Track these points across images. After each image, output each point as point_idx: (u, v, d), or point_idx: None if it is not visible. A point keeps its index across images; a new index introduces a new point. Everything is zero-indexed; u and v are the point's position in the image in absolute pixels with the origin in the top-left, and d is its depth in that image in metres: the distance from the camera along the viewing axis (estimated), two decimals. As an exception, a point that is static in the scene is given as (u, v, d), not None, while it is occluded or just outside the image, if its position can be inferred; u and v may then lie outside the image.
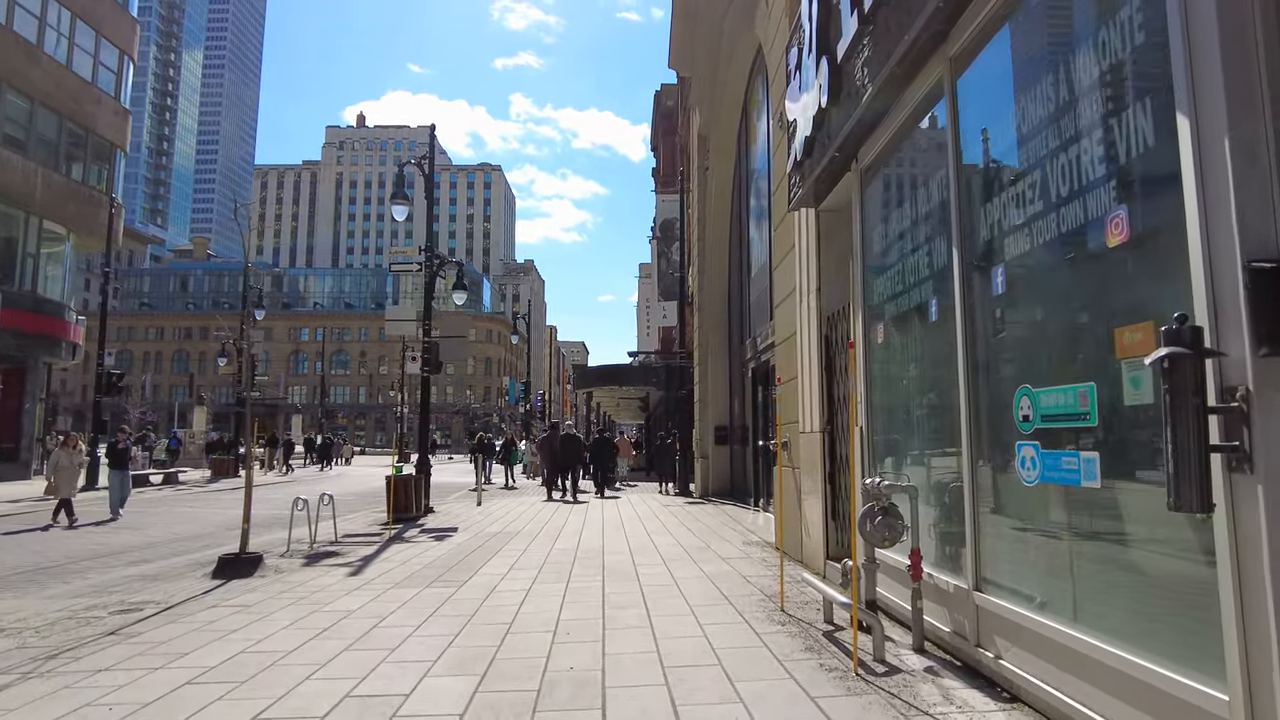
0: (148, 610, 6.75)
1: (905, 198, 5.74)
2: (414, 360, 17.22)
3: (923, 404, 5.41)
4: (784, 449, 9.29)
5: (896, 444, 5.93)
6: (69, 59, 27.74)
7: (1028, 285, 3.96)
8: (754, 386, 16.40)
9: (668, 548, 10.14)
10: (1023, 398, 3.85)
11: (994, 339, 4.30)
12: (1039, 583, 3.88)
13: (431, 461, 17.34)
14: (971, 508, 4.42)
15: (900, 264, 5.69)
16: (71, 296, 30.26)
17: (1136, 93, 3.08)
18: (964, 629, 4.54)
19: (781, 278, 9.77)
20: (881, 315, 6.08)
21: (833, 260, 7.97)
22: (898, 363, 5.90)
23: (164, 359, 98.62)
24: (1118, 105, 3.18)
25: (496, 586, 7.60)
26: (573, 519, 14.13)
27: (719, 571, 8.19)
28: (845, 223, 7.91)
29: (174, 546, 11.94)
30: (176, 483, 26.54)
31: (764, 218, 15.45)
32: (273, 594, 7.43)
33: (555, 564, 8.94)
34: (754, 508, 15.66)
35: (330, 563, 9.49)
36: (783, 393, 9.76)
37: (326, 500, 11.55)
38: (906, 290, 5.55)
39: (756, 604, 6.51)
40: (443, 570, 8.67)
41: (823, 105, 6.50)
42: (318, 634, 5.77)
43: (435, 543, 11.19)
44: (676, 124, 37.70)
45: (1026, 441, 3.82)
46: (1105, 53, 3.25)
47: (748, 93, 17.14)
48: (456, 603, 6.84)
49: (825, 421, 7.73)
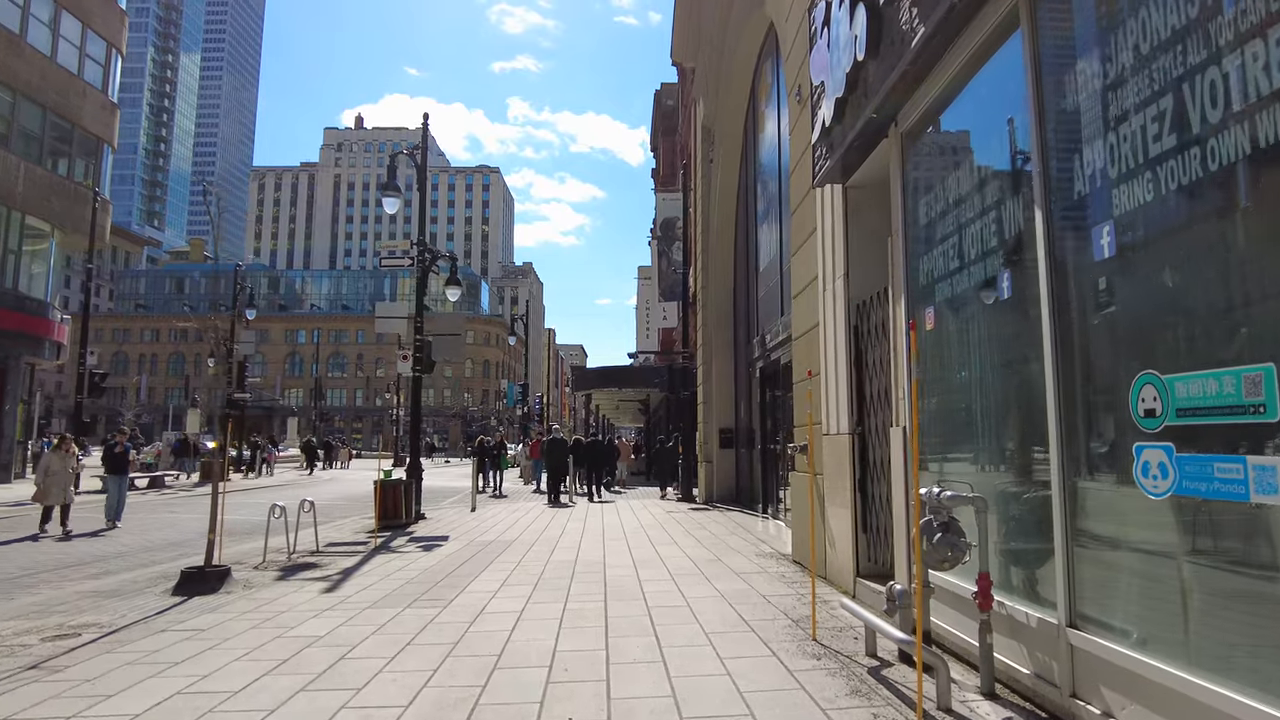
0: (86, 636, 5.91)
1: (961, 158, 4.92)
2: (404, 359, 16.40)
3: (988, 398, 4.58)
4: (803, 453, 8.45)
5: (951, 447, 5.10)
6: (54, 51, 26.91)
7: (1153, 243, 3.12)
8: (762, 386, 15.56)
9: (675, 560, 9.30)
10: (1145, 387, 3.02)
11: (1097, 315, 3.48)
12: (1172, 625, 3.03)
13: (426, 465, 16.52)
14: (1063, 525, 3.60)
15: (956, 237, 4.87)
16: (56, 295, 29.39)
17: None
18: (1051, 673, 3.71)
19: (800, 265, 8.95)
20: (930, 298, 5.25)
21: (862, 242, 7.16)
22: (953, 351, 5.06)
23: (159, 361, 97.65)
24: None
25: (485, 607, 6.75)
26: (571, 526, 13.28)
27: (734, 590, 7.34)
28: (877, 199, 7.10)
29: (145, 556, 11.10)
30: (162, 486, 25.66)
31: (773, 208, 14.64)
32: (234, 614, 6.59)
33: (552, 579, 8.09)
34: (762, 515, 14.82)
35: (306, 576, 8.66)
36: (801, 391, 8.93)
37: (307, 507, 10.70)
38: (965, 266, 4.72)
39: (783, 631, 5.66)
40: (427, 586, 7.83)
41: (859, 59, 5.69)
42: (273, 668, 4.92)
43: (423, 553, 10.35)
44: (677, 123, 37.04)
45: (1152, 442, 3.00)
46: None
47: (755, 78, 16.33)
48: (439, 628, 6.00)
49: (855, 422, 6.90)
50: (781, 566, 8.74)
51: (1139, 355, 3.14)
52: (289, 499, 11.57)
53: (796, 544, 8.99)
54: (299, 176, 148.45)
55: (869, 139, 6.16)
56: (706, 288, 19.75)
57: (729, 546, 10.50)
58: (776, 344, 13.68)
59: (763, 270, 15.88)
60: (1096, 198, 3.40)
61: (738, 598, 6.91)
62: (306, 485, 28.00)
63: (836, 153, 6.58)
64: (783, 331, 13.12)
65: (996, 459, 4.49)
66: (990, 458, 4.55)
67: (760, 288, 16.09)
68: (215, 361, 32.94)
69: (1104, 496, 3.44)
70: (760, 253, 16.14)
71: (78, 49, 28.19)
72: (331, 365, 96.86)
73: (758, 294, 16.50)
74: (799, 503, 8.82)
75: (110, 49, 29.96)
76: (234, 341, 31.17)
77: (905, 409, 5.48)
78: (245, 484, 27.42)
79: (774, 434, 14.49)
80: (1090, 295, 3.50)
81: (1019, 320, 4.08)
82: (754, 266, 16.79)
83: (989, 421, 4.56)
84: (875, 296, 6.70)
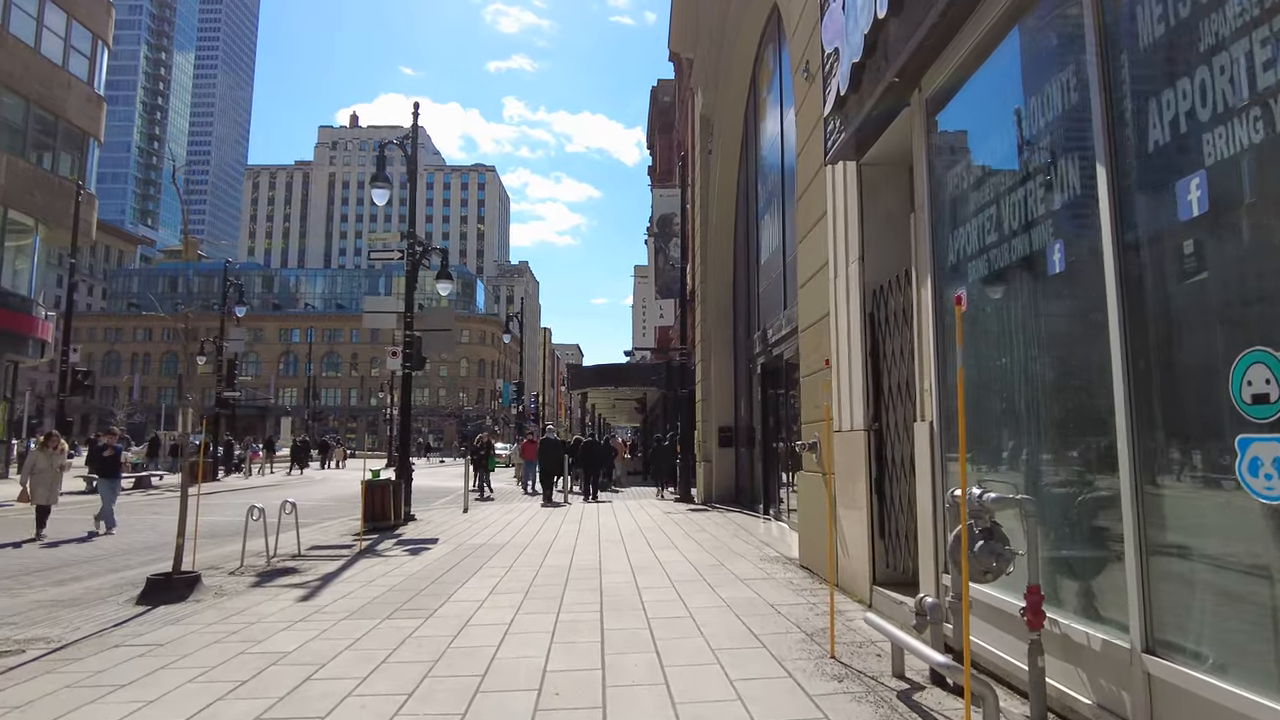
0: (31, 653, 5.37)
1: (999, 120, 4.40)
2: (394, 355, 15.85)
3: (1034, 386, 4.06)
4: (812, 451, 7.93)
5: (986, 442, 4.58)
6: (37, 41, 26.29)
7: (1265, 195, 2.58)
8: (763, 383, 15.04)
9: (675, 565, 8.77)
10: (1252, 368, 2.51)
11: (1180, 283, 2.96)
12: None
13: (418, 465, 15.97)
14: (1137, 532, 3.08)
15: (993, 207, 4.35)
16: (41, 292, 28.76)
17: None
18: (1121, 705, 3.20)
19: (807, 252, 8.43)
20: (962, 277, 4.73)
21: (878, 224, 6.65)
22: (990, 336, 4.54)
23: (152, 360, 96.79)
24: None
25: (471, 618, 6.22)
26: (565, 529, 12.75)
27: (740, 598, 6.81)
28: (894, 178, 6.61)
29: (119, 560, 10.54)
30: (149, 486, 25.06)
31: (775, 198, 14.13)
32: (199, 627, 6.06)
33: (544, 587, 7.56)
34: (763, 516, 14.31)
35: (283, 583, 8.12)
36: (808, 386, 8.42)
37: (289, 509, 10.15)
38: (1005, 239, 4.20)
39: (798, 647, 5.13)
40: (411, 594, 7.30)
41: (879, 18, 5.17)
42: (229, 691, 4.39)
43: (410, 557, 9.82)
44: (673, 119, 36.53)
45: (1263, 435, 2.48)
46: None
47: (756, 65, 15.81)
48: (419, 642, 5.47)
49: (872, 418, 6.38)
50: (789, 572, 8.22)
51: (1242, 330, 2.63)
52: (275, 500, 11.05)
53: (805, 548, 8.48)
54: (293, 175, 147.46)
55: (889, 107, 5.65)
56: (705, 282, 19.22)
57: (731, 550, 9.98)
58: (779, 338, 13.17)
59: (764, 263, 15.37)
60: (1180, 146, 2.88)
61: (745, 608, 6.38)
62: (296, 485, 27.41)
63: (852, 125, 6.07)
64: (786, 325, 12.61)
65: (1045, 456, 3.97)
66: (1036, 454, 4.03)
67: (762, 281, 15.57)
68: (205, 360, 32.31)
69: (1189, 500, 2.92)
70: (761, 245, 15.63)
71: (63, 40, 27.57)
72: (326, 365, 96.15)
73: (759, 288, 15.99)
74: (807, 505, 8.30)
75: (96, 41, 29.34)
76: (223, 339, 30.59)
77: (933, 401, 4.97)
78: (235, 485, 26.82)
79: (776, 432, 13.98)
80: (1172, 261, 2.98)
81: (1076, 296, 3.57)
82: (755, 259, 16.28)
83: (1034, 413, 4.04)
84: (894, 281, 6.18)
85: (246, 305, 34.28)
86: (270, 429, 66.92)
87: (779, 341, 13.22)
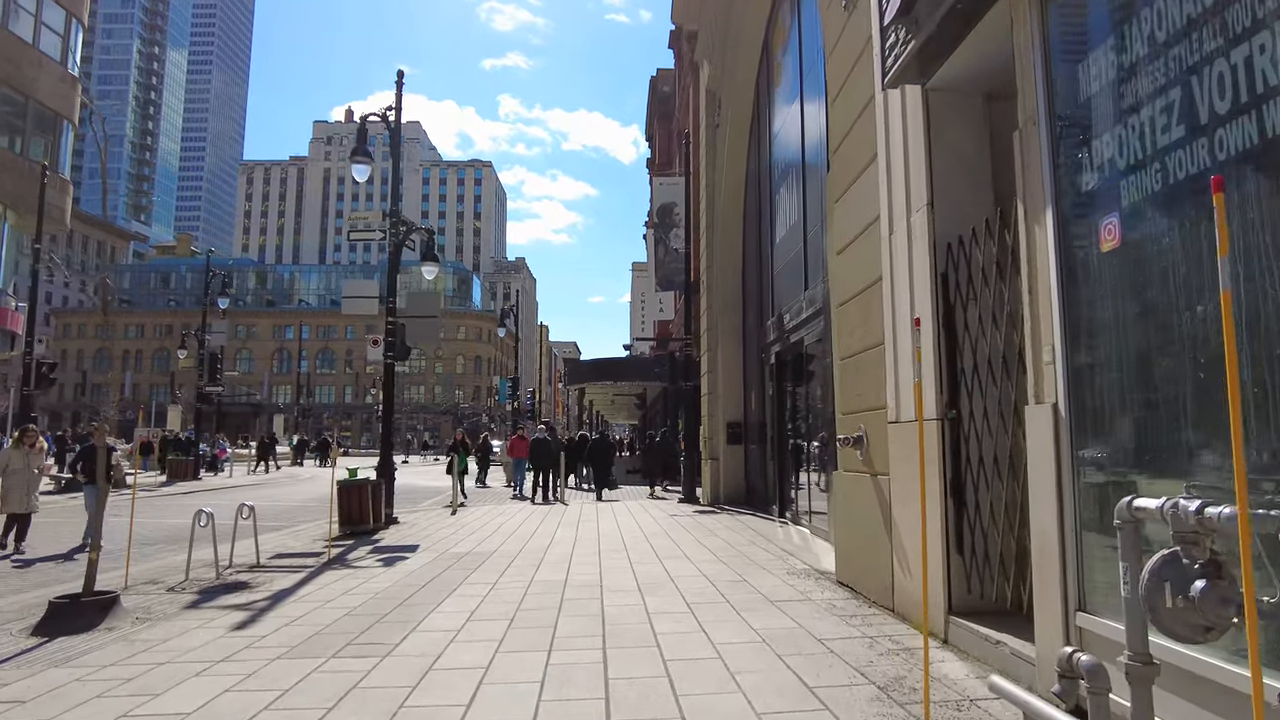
0: None
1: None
2: (375, 344, 14.52)
3: (1259, 350, 2.73)
4: (856, 446, 6.61)
5: (1154, 437, 3.25)
6: (4, 17, 24.92)
7: None
8: (777, 374, 13.72)
9: (689, 582, 7.44)
10: None
11: None
12: None
13: (412, 462, 14.65)
14: None
15: (1164, 101, 3.02)
16: (12, 281, 27.39)
17: None
18: None
19: (848, 212, 7.11)
20: (1111, 208, 3.40)
21: (948, 164, 5.34)
22: (1156, 288, 3.20)
23: (144, 357, 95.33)
24: None
25: (440, 657, 4.90)
26: (561, 534, 11.42)
27: (778, 630, 5.47)
28: (965, 106, 5.32)
29: (51, 573, 9.27)
30: (124, 486, 23.71)
31: (794, 169, 12.81)
32: (92, 669, 4.75)
33: (533, 611, 6.24)
34: (779, 519, 13.00)
35: (226, 602, 6.83)
36: (848, 369, 7.10)
37: (246, 513, 8.85)
38: (1199, 132, 2.87)
39: (870, 709, 3.80)
40: (372, 620, 5.98)
41: None
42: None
43: (381, 569, 8.52)
44: (673, 108, 35.28)
45: None
46: None
47: (770, 25, 14.48)
48: (364, 696, 4.15)
49: (948, 404, 5.07)
50: (825, 591, 6.90)
51: None
52: (254, 500, 9.79)
53: (844, 562, 7.16)
54: (288, 170, 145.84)
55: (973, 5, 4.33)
56: (711, 268, 17.87)
57: (751, 561, 8.67)
58: (798, 323, 11.86)
59: (779, 242, 14.05)
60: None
61: (786, 643, 5.05)
62: (280, 484, 26.06)
63: (923, 30, 4.75)
64: (808, 307, 11.30)
65: (1268, 455, 2.65)
66: (1263, 452, 2.70)
67: (777, 262, 14.25)
68: (185, 354, 30.96)
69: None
70: (776, 222, 14.30)
71: (33, 16, 26.21)
72: (320, 361, 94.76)
73: (772, 270, 14.67)
74: (850, 510, 6.98)
75: (70, 18, 27.95)
76: (205, 331, 29.23)
77: (1057, 377, 3.64)
78: (217, 484, 25.47)
79: (794, 427, 12.67)
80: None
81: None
82: (769, 239, 14.95)
83: (1248, 394, 2.71)
84: (973, 232, 4.87)
85: (229, 298, 32.90)
86: (263, 426, 65.44)
87: (797, 327, 11.91)
